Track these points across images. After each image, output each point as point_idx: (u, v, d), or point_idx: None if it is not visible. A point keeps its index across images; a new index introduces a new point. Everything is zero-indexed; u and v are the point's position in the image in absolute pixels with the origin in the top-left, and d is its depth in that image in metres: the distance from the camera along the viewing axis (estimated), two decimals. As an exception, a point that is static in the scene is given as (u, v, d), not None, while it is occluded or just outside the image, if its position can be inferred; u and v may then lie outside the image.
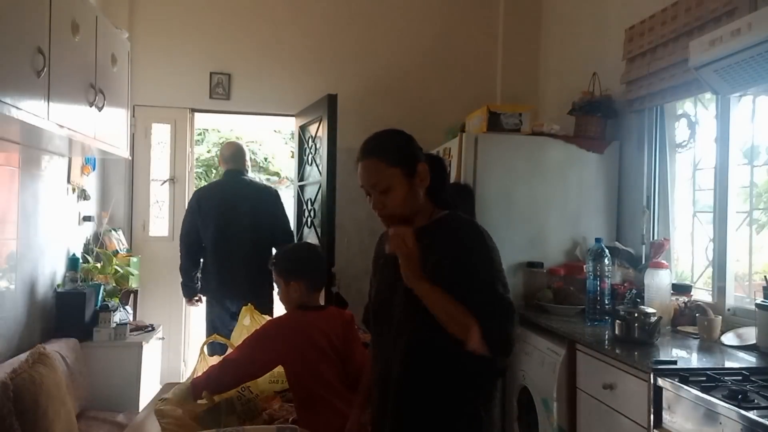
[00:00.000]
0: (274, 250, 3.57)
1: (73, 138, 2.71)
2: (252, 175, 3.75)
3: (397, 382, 1.47)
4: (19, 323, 2.69)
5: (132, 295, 3.62)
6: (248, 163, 3.66)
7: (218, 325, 3.42)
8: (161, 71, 4.03)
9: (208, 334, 3.46)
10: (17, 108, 2.01)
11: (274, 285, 2.13)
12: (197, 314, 4.19)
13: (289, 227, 3.71)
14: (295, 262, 2.05)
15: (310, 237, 3.83)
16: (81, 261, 3.26)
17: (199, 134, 9.33)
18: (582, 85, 3.37)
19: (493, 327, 1.36)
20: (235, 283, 3.36)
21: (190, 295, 3.56)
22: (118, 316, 3.28)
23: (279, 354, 1.90)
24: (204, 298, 3.57)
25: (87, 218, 3.52)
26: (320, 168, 3.67)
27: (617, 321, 2.19)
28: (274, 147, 10.44)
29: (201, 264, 3.53)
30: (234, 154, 3.61)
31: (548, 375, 2.42)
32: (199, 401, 1.88)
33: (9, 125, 2.35)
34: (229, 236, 3.41)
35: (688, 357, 2.02)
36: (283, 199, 3.67)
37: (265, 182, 3.81)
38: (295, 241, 3.78)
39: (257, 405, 2.03)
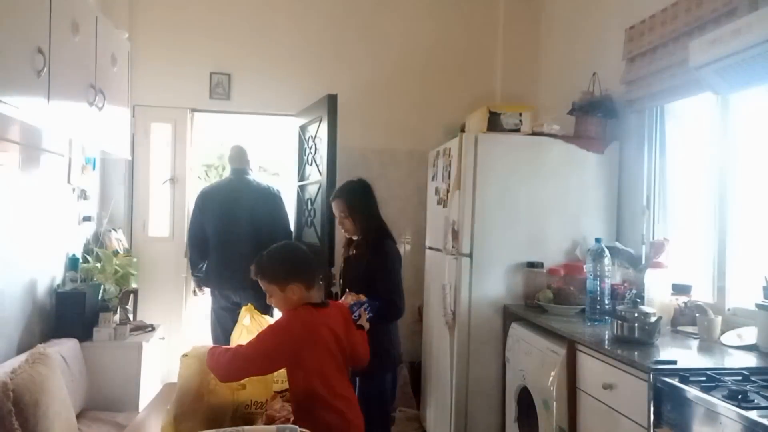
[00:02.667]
0: None
1: (73, 138, 2.72)
2: (256, 174, 3.84)
3: None
4: (19, 323, 2.69)
5: (132, 295, 3.62)
6: (250, 162, 3.80)
7: (221, 315, 3.59)
8: (161, 71, 4.03)
9: (212, 324, 3.69)
10: (17, 108, 2.01)
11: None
12: (197, 314, 4.19)
13: (289, 227, 3.77)
14: (287, 265, 1.96)
15: (310, 237, 3.84)
16: (81, 261, 3.26)
17: (198, 133, 9.32)
18: (582, 85, 3.37)
19: None
20: (236, 276, 3.51)
21: (198, 284, 3.79)
22: (118, 316, 3.29)
23: (293, 352, 1.85)
24: (207, 290, 3.75)
25: (87, 218, 3.53)
26: (320, 168, 3.67)
27: (617, 321, 2.19)
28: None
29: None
30: (237, 154, 3.78)
31: (548, 375, 2.42)
32: None
33: (9, 125, 2.36)
34: (230, 231, 3.56)
35: (688, 357, 2.02)
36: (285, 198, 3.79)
37: (269, 183, 3.86)
38: (294, 239, 3.82)
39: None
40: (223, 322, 3.49)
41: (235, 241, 3.54)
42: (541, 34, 4.24)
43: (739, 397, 1.51)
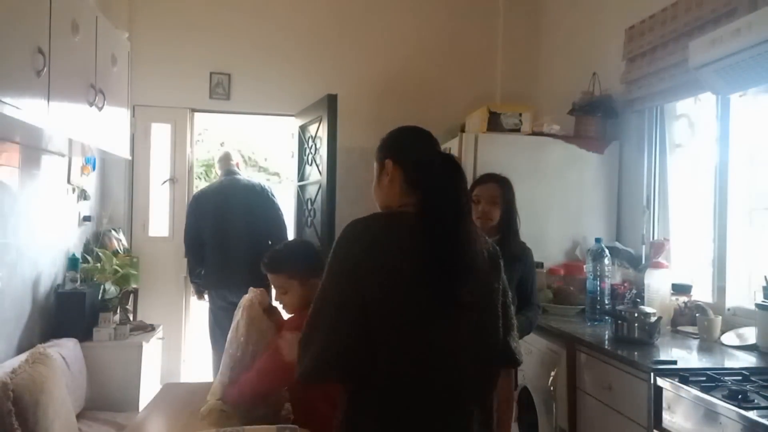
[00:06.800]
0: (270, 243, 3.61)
1: (73, 138, 2.72)
2: (245, 174, 3.83)
3: None
4: (19, 323, 2.69)
5: (132, 295, 3.62)
6: (235, 162, 3.79)
7: (219, 316, 3.55)
8: (161, 71, 4.02)
9: (210, 325, 3.65)
10: (17, 108, 2.01)
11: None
12: (197, 314, 4.19)
13: (283, 222, 3.72)
14: (311, 259, 1.87)
15: (310, 237, 3.83)
16: (81, 261, 3.26)
17: (198, 133, 9.33)
18: (582, 85, 3.37)
19: None
20: (234, 275, 3.50)
21: (198, 291, 3.72)
22: (118, 316, 3.29)
23: None
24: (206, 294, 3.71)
25: (87, 218, 3.53)
26: (320, 168, 3.67)
27: (617, 321, 2.19)
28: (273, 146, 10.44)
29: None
30: (223, 157, 3.81)
31: (548, 375, 2.42)
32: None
33: (9, 125, 2.35)
34: (226, 231, 3.54)
35: (688, 357, 2.02)
36: (276, 193, 3.75)
37: (259, 180, 3.85)
38: (288, 233, 3.80)
39: None
40: (221, 322, 3.48)
41: (231, 240, 3.53)
42: (541, 34, 4.24)
43: (739, 397, 1.51)
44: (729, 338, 2.14)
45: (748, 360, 1.96)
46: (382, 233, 1.26)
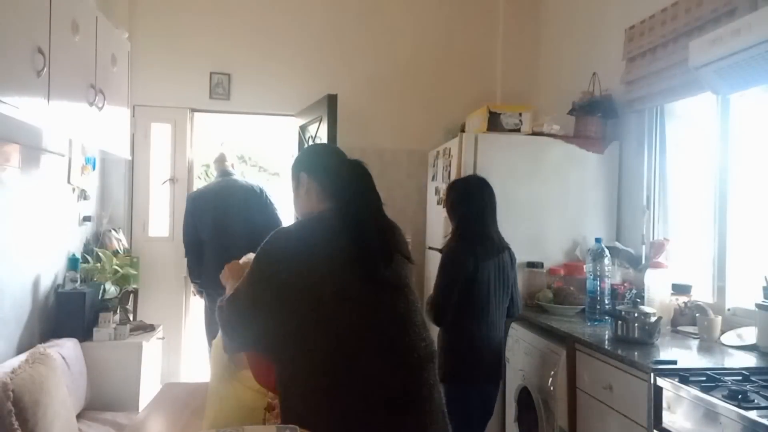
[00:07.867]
0: None
1: (73, 138, 2.72)
2: (240, 174, 3.85)
3: None
4: (19, 323, 2.69)
5: (132, 295, 3.62)
6: (230, 162, 3.83)
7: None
8: (161, 71, 4.03)
9: (207, 324, 3.68)
10: (17, 108, 2.01)
11: None
12: (197, 314, 4.19)
13: (279, 222, 3.71)
14: None
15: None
16: (81, 261, 3.26)
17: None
18: (582, 85, 3.37)
19: None
20: None
21: (199, 291, 3.75)
22: (118, 316, 3.29)
23: None
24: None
25: (87, 218, 3.53)
26: (320, 168, 3.67)
27: (617, 321, 2.19)
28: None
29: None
30: (218, 158, 3.83)
31: (548, 375, 2.42)
32: None
33: (9, 125, 2.36)
34: (225, 233, 3.55)
35: (688, 357, 2.02)
36: (275, 194, 3.78)
37: (257, 182, 3.86)
38: None
39: None
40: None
41: (229, 241, 3.51)
42: (541, 34, 4.24)
43: (739, 397, 1.51)
44: (729, 338, 2.14)
45: (748, 360, 1.96)
46: (304, 236, 1.42)
